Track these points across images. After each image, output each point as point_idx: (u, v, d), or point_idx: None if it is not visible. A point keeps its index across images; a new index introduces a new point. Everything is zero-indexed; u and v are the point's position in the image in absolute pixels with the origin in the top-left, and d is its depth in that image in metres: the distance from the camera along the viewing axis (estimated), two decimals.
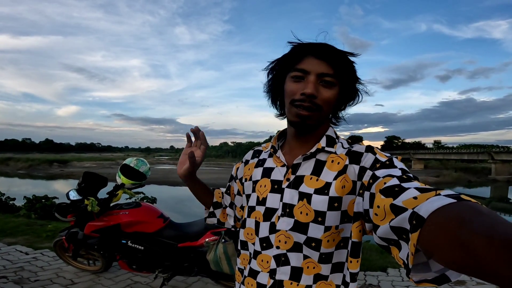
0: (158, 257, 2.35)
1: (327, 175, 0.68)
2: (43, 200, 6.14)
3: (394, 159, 0.62)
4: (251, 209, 0.77)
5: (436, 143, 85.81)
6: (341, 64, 0.67)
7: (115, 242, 2.35)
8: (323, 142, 0.72)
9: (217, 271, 2.06)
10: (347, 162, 0.68)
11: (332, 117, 0.78)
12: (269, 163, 0.79)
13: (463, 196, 0.40)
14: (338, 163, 0.69)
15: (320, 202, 0.66)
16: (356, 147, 0.70)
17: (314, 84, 0.66)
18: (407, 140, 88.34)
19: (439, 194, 0.42)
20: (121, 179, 2.35)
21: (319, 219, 0.66)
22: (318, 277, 0.68)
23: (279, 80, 0.75)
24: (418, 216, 0.40)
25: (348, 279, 0.68)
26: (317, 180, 0.68)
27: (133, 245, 2.32)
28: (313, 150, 0.71)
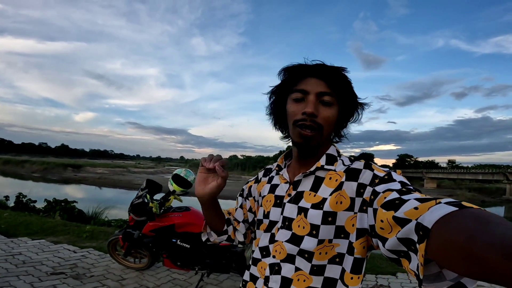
0: (201, 255, 2.70)
1: (324, 191, 0.71)
2: (63, 204, 6.61)
3: (393, 173, 0.64)
4: (259, 221, 0.84)
5: (451, 162, 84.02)
6: (338, 82, 0.70)
7: (167, 240, 2.73)
8: (322, 161, 0.74)
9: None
10: (343, 179, 0.70)
11: (335, 136, 0.80)
12: (276, 180, 0.84)
13: (464, 203, 0.40)
14: (336, 180, 0.71)
15: (315, 216, 0.69)
16: (355, 164, 0.71)
17: (314, 103, 0.69)
18: (420, 159, 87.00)
19: (440, 203, 0.42)
20: (173, 186, 2.73)
21: (314, 232, 0.69)
22: None
23: (281, 103, 0.78)
24: (423, 227, 0.40)
25: None
26: (314, 195, 0.71)
27: (181, 243, 2.70)
28: (312, 169, 0.73)
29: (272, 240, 0.76)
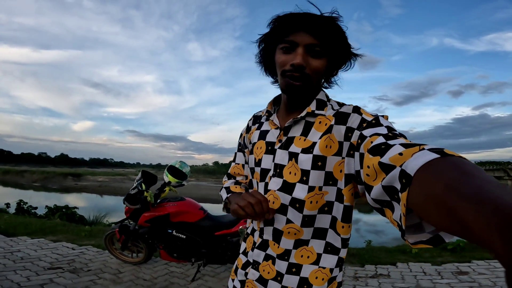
0: (197, 245, 2.73)
1: (314, 135, 0.70)
2: (63, 210, 6.73)
3: (380, 118, 0.63)
4: (252, 170, 0.82)
5: None
6: (328, 34, 0.68)
7: (162, 231, 2.76)
8: (313, 106, 0.73)
9: None
10: (332, 122, 0.69)
11: (325, 82, 0.79)
12: (265, 126, 0.82)
13: (446, 151, 0.40)
14: (326, 124, 0.70)
15: (305, 161, 0.68)
16: (344, 108, 0.71)
17: (302, 55, 0.68)
18: None
19: (423, 149, 0.42)
20: (168, 177, 2.77)
21: (304, 178, 0.68)
22: (298, 243, 0.70)
23: (270, 51, 0.77)
24: (406, 174, 0.40)
25: (339, 244, 0.70)
26: (304, 140, 0.70)
27: (177, 234, 2.72)
28: (303, 114, 0.72)
29: (266, 189, 0.75)
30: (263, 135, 0.81)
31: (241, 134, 0.94)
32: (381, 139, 0.53)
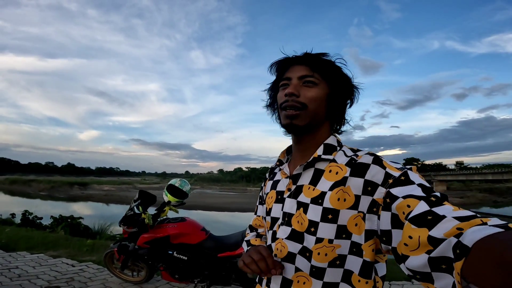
0: (199, 267, 2.57)
1: (323, 184, 0.67)
2: (69, 220, 6.61)
3: (410, 173, 0.58)
4: (264, 219, 0.84)
5: (459, 164, 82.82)
6: (320, 65, 0.70)
7: (162, 252, 2.61)
8: (319, 151, 0.71)
9: (252, 279, 2.27)
10: (347, 174, 0.64)
11: (337, 125, 0.78)
12: (278, 176, 0.83)
13: (511, 225, 0.38)
14: (337, 172, 0.66)
15: (313, 212, 0.65)
16: (362, 158, 0.65)
17: (294, 85, 0.70)
18: (427, 162, 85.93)
19: (485, 224, 0.40)
20: (167, 197, 2.64)
21: (312, 229, 0.65)
22: None
23: (274, 95, 0.80)
24: (463, 245, 0.38)
25: None
26: (313, 189, 0.68)
27: (178, 255, 2.57)
28: (309, 160, 0.70)
29: (274, 237, 0.74)
30: (274, 185, 0.82)
31: (261, 187, 0.95)
32: (423, 206, 0.48)
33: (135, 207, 2.69)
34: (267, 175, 0.92)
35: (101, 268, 3.54)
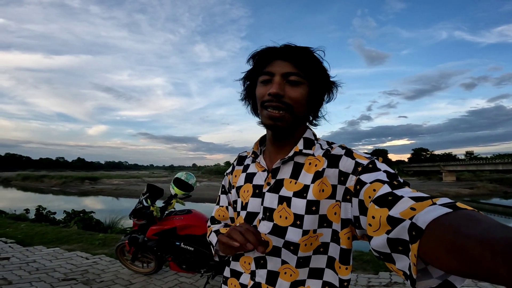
0: (204, 257, 2.72)
1: (305, 177, 0.68)
2: (81, 214, 6.85)
3: (376, 161, 0.62)
4: (237, 214, 0.80)
5: (469, 154, 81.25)
6: (305, 62, 0.68)
7: (170, 244, 2.77)
8: (300, 145, 0.72)
9: None
10: (325, 165, 0.67)
11: (312, 119, 0.78)
12: (252, 168, 0.80)
13: (458, 204, 0.41)
14: (316, 165, 0.68)
15: (299, 206, 0.66)
16: (335, 150, 0.69)
17: (278, 84, 0.67)
18: (436, 152, 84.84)
19: (435, 204, 0.42)
20: (174, 190, 2.77)
21: (298, 222, 0.66)
22: (295, 284, 0.68)
23: (253, 88, 0.76)
24: (417, 227, 0.40)
25: (337, 283, 0.68)
26: (295, 183, 0.69)
27: (185, 246, 2.73)
28: (291, 154, 0.71)
29: None
30: (249, 177, 0.79)
31: (225, 176, 0.91)
32: (386, 188, 0.52)
33: (143, 200, 2.84)
34: (235, 163, 0.88)
35: (113, 260, 3.73)
